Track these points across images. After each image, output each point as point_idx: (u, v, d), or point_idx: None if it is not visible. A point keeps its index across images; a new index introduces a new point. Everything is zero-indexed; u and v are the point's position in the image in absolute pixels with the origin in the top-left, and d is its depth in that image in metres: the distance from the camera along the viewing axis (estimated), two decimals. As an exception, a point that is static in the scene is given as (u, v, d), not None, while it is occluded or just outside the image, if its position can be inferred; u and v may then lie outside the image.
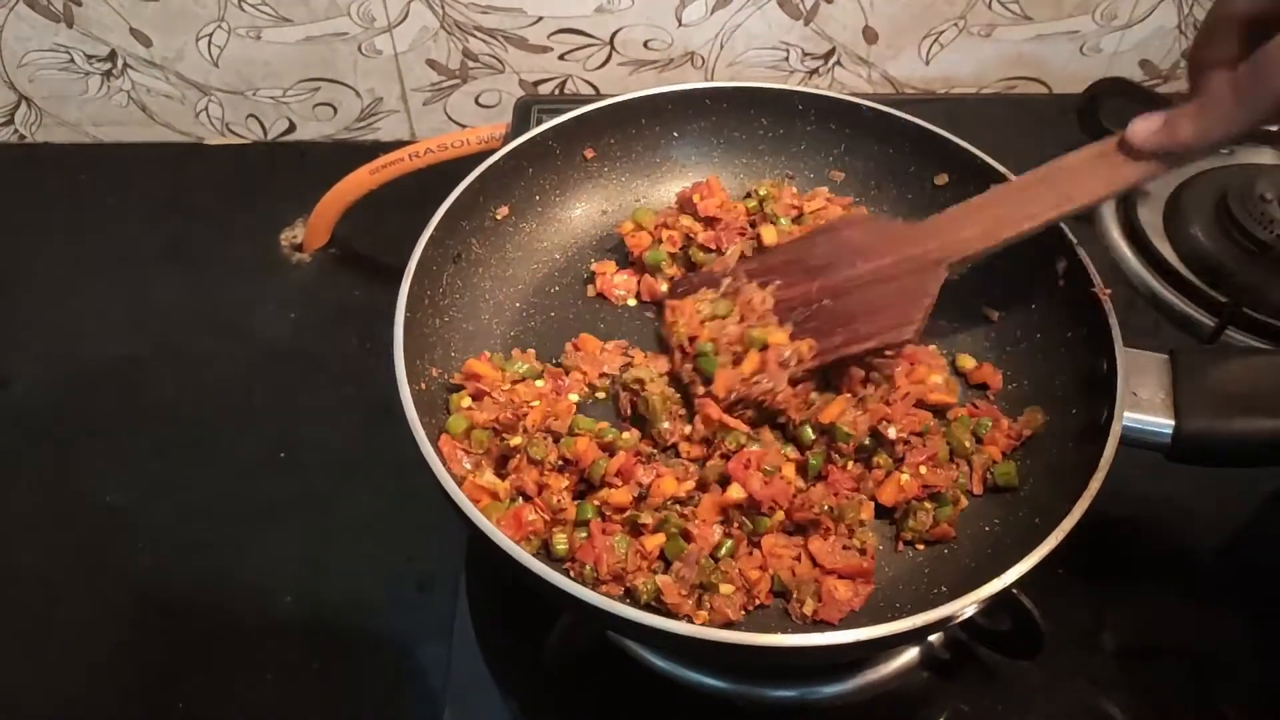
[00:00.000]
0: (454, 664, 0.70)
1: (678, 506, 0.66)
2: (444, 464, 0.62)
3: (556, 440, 0.68)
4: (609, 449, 0.68)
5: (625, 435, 0.70)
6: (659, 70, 1.14)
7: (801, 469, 0.70)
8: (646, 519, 0.65)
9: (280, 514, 0.86)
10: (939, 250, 0.70)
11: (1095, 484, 0.60)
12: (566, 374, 0.75)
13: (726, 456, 0.68)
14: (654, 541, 0.64)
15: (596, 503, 0.66)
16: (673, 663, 0.69)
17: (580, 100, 0.87)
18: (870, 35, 1.11)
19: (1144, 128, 0.64)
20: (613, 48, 1.11)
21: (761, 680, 0.70)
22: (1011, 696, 0.69)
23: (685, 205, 0.84)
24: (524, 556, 0.57)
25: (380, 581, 0.82)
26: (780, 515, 0.66)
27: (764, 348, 0.71)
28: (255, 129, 1.20)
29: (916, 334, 0.69)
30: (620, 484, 0.66)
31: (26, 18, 1.07)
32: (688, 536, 0.65)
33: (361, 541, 0.85)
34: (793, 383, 0.70)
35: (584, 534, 0.65)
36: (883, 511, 0.69)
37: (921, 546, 0.68)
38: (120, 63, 1.12)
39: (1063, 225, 0.74)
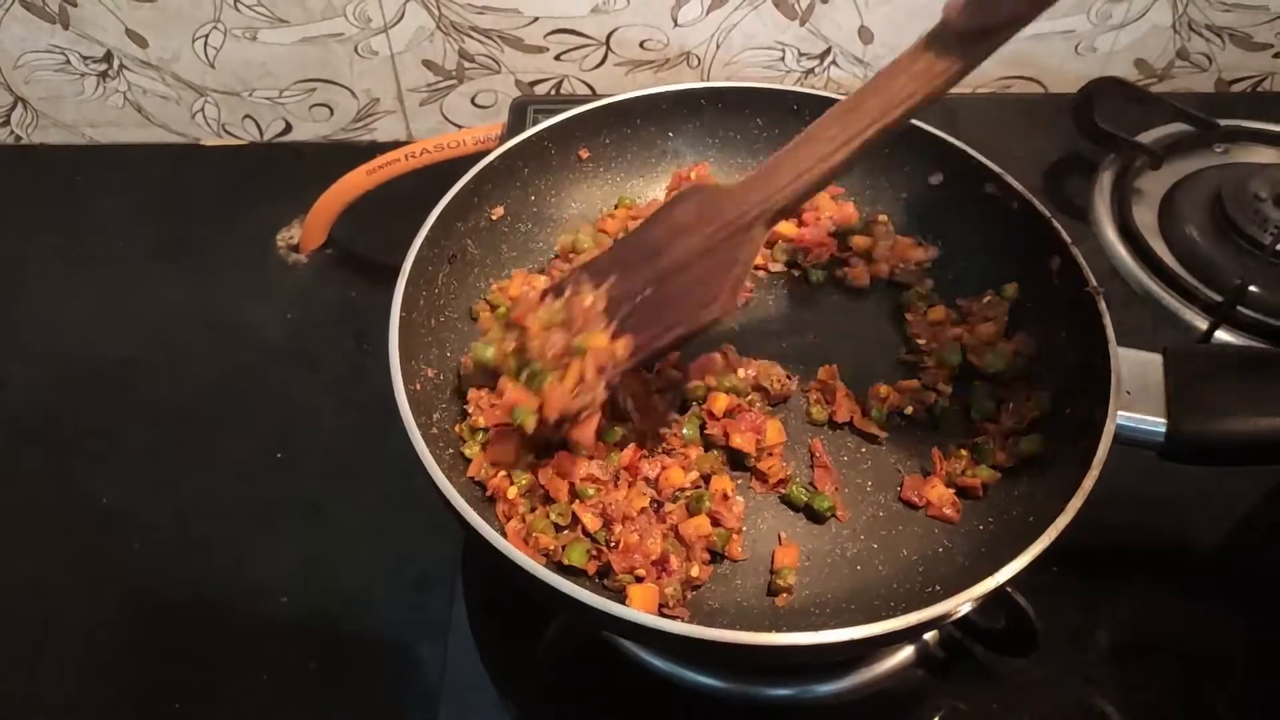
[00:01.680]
0: (450, 663, 0.71)
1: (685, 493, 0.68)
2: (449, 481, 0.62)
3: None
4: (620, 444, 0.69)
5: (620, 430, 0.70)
6: (655, 70, 1.14)
7: None
8: (670, 508, 0.66)
9: (277, 514, 0.86)
10: (756, 206, 0.63)
11: (1088, 482, 0.60)
12: None
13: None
14: (698, 527, 0.65)
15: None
16: (668, 662, 0.69)
17: (576, 100, 0.87)
18: (866, 35, 1.11)
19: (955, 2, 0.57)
20: (609, 48, 1.11)
21: (757, 679, 0.70)
22: (1006, 694, 0.69)
23: (680, 184, 0.85)
24: (519, 556, 0.57)
25: (377, 581, 0.82)
26: None
27: (583, 355, 0.64)
28: (251, 130, 1.20)
29: (722, 311, 0.63)
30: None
31: (22, 19, 1.07)
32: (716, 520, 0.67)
33: (358, 541, 0.85)
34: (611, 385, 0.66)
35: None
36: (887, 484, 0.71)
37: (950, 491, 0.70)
38: (116, 64, 1.12)
39: (1055, 223, 0.74)
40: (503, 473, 0.67)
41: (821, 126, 0.62)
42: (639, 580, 0.64)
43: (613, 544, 0.65)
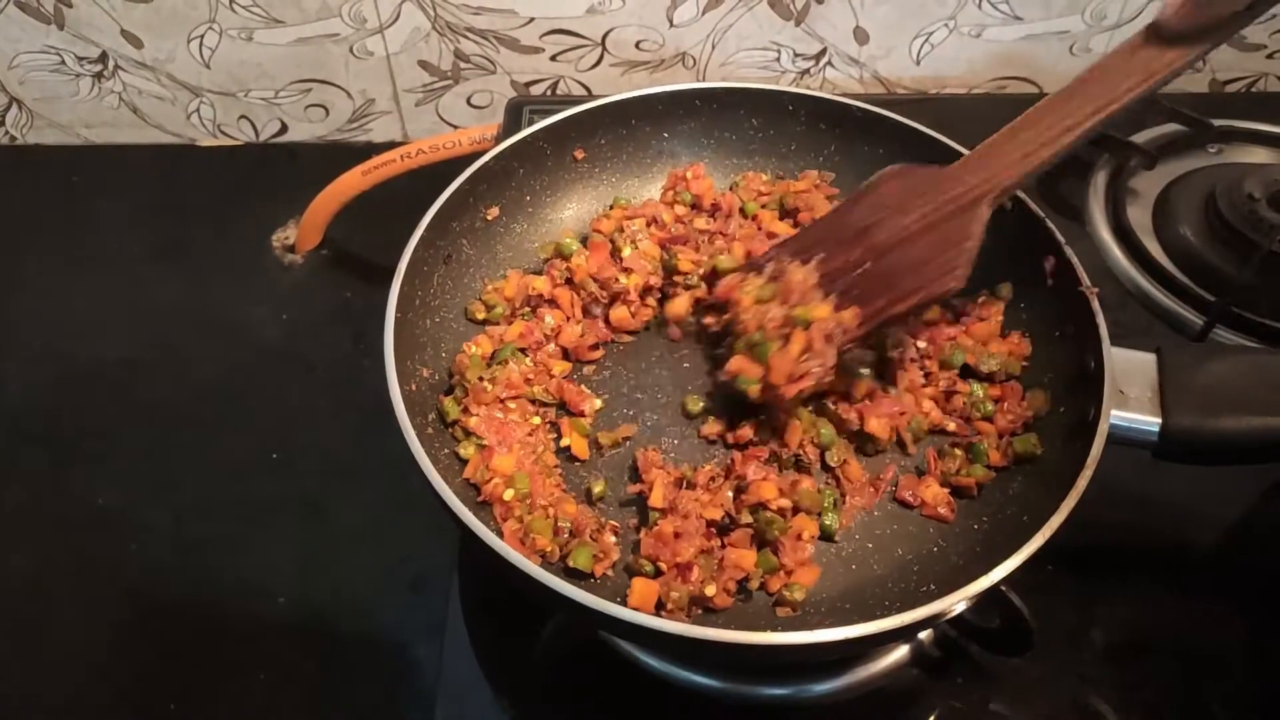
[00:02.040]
0: (446, 663, 0.71)
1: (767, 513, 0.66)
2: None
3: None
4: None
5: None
6: (651, 71, 1.14)
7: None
8: (745, 519, 0.66)
9: (273, 515, 0.86)
10: (979, 186, 0.68)
11: (1082, 481, 0.60)
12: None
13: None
14: (740, 560, 0.64)
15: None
16: (664, 661, 0.69)
17: (572, 101, 0.87)
18: (861, 35, 1.11)
19: (1173, 1, 0.62)
20: (604, 49, 1.11)
21: (753, 678, 0.70)
22: (1001, 693, 0.69)
23: (677, 183, 0.86)
24: (515, 557, 0.57)
25: (373, 581, 0.82)
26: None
27: (808, 326, 0.69)
28: (247, 130, 1.20)
29: (961, 281, 0.67)
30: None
31: (17, 19, 1.07)
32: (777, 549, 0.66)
33: (354, 541, 0.85)
34: (842, 354, 0.69)
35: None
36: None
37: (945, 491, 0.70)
38: (111, 64, 1.12)
39: (1049, 224, 0.74)
40: (497, 479, 0.67)
41: (1038, 114, 0.67)
42: (658, 574, 0.64)
43: (652, 525, 0.65)
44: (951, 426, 0.73)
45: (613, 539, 0.66)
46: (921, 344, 0.77)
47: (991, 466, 0.70)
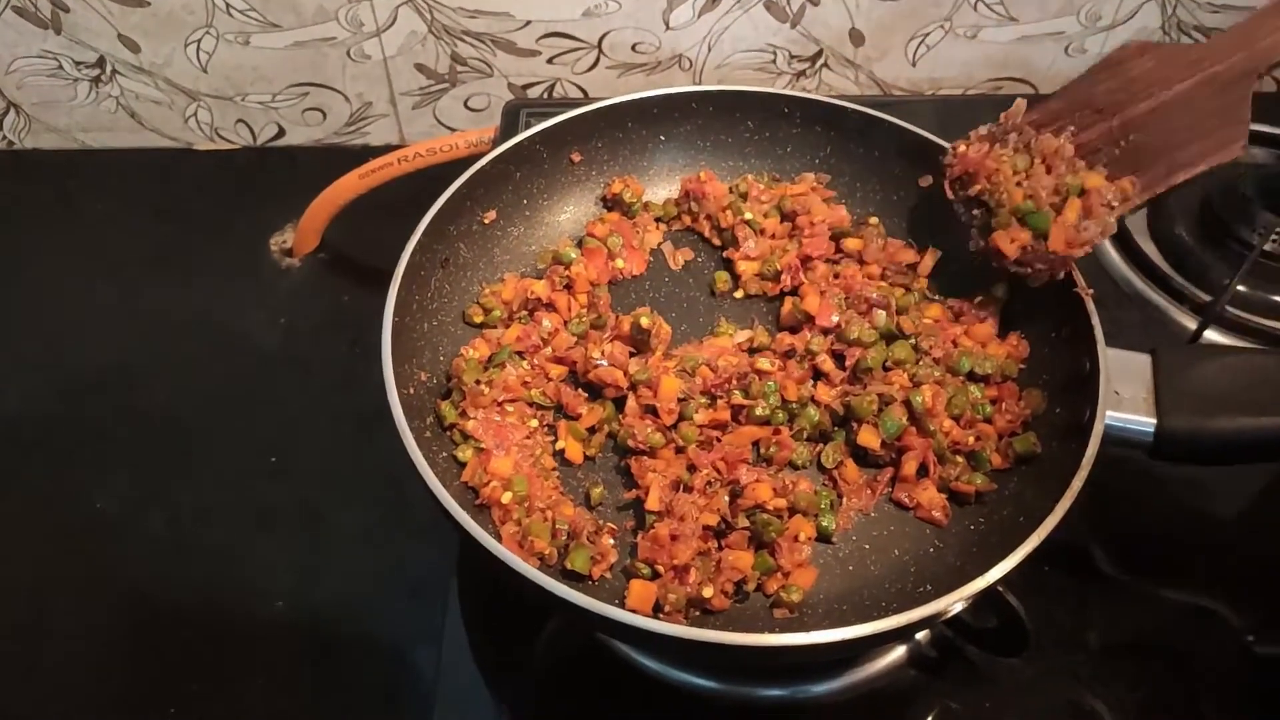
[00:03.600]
0: (444, 668, 0.71)
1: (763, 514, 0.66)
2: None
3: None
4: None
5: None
6: (647, 73, 1.14)
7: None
8: (742, 523, 0.65)
9: (272, 519, 0.87)
10: (1243, 62, 0.68)
11: (1077, 482, 0.60)
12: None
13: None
14: (737, 561, 0.64)
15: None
16: (662, 663, 0.70)
17: (568, 104, 0.88)
18: (856, 37, 1.11)
19: None
20: (601, 51, 1.11)
21: (751, 680, 0.70)
22: (998, 693, 0.69)
23: (691, 185, 0.86)
24: (514, 560, 0.58)
25: (371, 586, 0.82)
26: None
27: (1082, 193, 0.69)
28: (244, 134, 1.20)
29: (1244, 151, 0.68)
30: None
31: (14, 24, 1.07)
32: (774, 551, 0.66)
33: (353, 546, 0.85)
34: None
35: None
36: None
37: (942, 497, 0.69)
38: (109, 69, 1.12)
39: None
40: (495, 482, 0.68)
41: None
42: (656, 576, 0.64)
43: (648, 528, 0.65)
44: (971, 440, 0.71)
45: (610, 541, 0.67)
46: (928, 344, 0.76)
47: (992, 470, 0.70)
